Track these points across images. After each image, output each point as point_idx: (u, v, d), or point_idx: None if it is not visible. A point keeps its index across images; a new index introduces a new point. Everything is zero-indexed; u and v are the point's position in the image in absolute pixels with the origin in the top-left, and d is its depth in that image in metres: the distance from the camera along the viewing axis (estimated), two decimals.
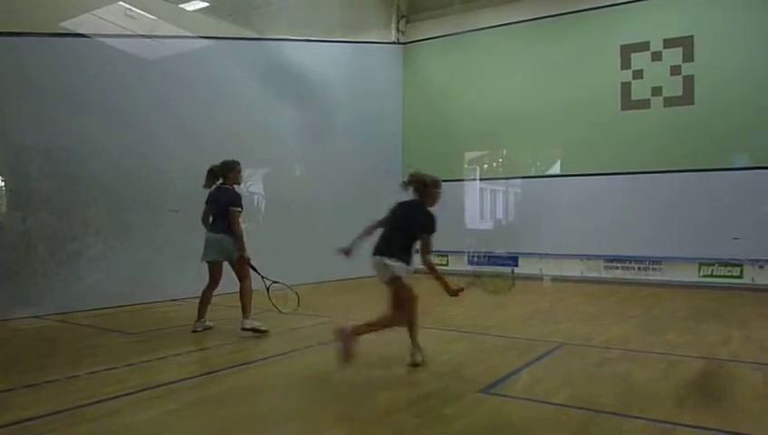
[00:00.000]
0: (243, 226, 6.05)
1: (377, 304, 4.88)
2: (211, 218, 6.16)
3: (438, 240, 4.66)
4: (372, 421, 3.52)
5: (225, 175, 6.20)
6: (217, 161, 6.21)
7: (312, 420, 3.56)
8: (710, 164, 10.71)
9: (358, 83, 12.63)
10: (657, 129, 11.14)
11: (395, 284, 4.58)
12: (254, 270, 6.14)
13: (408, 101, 14.18)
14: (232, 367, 4.76)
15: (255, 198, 10.13)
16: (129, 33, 8.38)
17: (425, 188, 4.78)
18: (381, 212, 4.86)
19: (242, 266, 6.06)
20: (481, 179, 13.41)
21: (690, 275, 10.90)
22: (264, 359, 5.08)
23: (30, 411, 3.56)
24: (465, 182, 13.41)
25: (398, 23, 14.13)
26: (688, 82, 10.94)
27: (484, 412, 3.70)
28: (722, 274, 10.70)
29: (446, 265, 12.97)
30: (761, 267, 10.31)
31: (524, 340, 5.94)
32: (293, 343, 5.78)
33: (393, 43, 14.05)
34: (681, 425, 3.43)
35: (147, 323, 6.83)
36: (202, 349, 5.43)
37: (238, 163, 6.27)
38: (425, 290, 4.88)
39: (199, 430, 3.37)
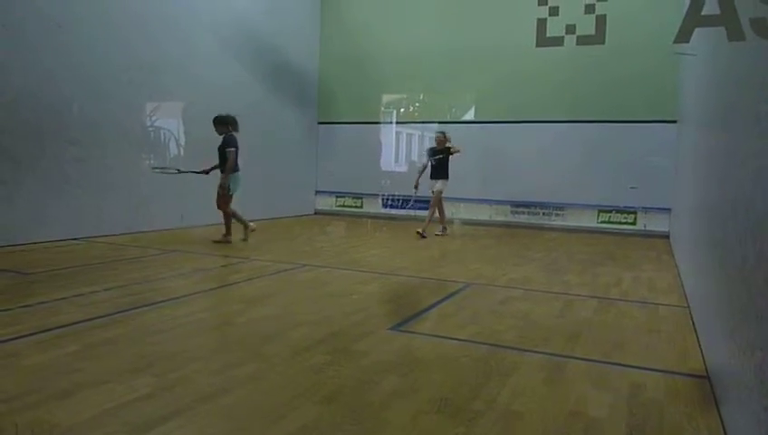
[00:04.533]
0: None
1: (278, 241, 4.83)
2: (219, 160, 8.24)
3: (353, 183, 4.67)
4: (282, 358, 3.55)
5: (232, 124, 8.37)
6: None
7: (221, 358, 3.55)
8: (616, 116, 11.24)
9: (273, 18, 12.10)
10: (570, 78, 11.43)
11: None
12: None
13: (326, 40, 13.79)
14: (136, 308, 4.62)
15: (162, 133, 9.60)
16: None
17: None
18: (292, 151, 4.77)
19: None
20: (397, 123, 13.42)
21: (590, 220, 11.61)
22: (169, 300, 4.96)
23: None
24: (381, 125, 13.38)
25: None
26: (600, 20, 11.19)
27: (393, 348, 3.82)
28: (618, 220, 11.47)
29: (361, 207, 13.10)
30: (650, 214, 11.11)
31: (434, 280, 6.14)
32: (198, 284, 5.68)
33: None
34: (573, 358, 3.70)
35: (44, 263, 6.47)
36: (106, 289, 5.22)
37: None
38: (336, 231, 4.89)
39: (111, 367, 3.26)
